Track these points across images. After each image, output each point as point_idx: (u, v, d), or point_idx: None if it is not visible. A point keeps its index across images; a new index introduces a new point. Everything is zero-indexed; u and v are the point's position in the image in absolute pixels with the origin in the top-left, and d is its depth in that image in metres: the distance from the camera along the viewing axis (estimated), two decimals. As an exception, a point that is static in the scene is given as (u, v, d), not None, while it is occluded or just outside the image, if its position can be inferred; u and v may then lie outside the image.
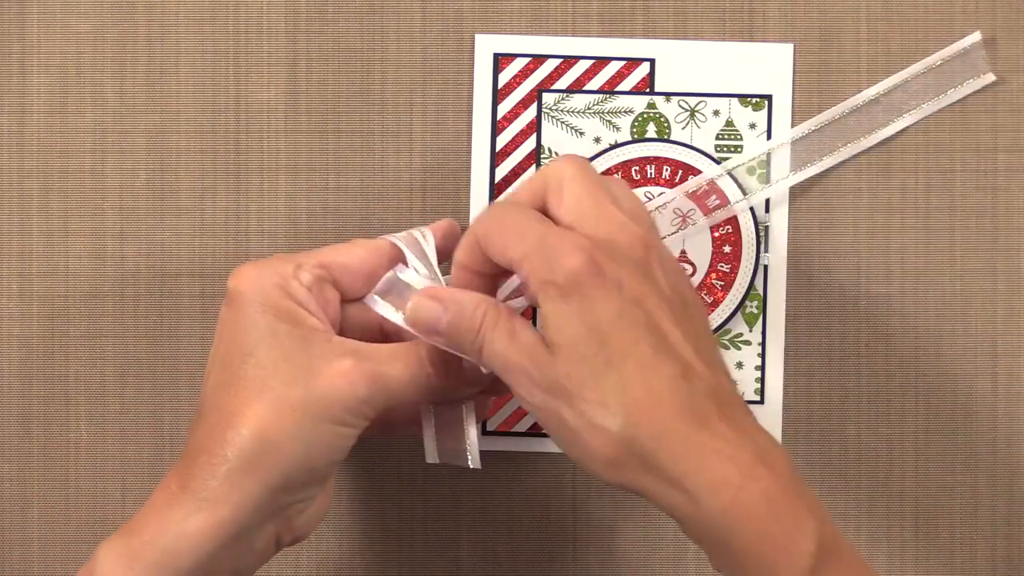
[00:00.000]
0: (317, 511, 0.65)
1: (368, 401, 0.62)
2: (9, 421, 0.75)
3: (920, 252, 0.75)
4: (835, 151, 0.74)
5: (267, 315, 0.62)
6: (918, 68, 0.74)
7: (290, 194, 0.75)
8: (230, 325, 0.63)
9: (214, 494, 0.60)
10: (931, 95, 0.74)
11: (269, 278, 0.63)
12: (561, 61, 0.75)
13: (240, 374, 0.62)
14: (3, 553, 0.75)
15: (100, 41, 0.75)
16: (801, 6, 0.75)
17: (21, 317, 0.75)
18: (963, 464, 0.75)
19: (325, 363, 0.61)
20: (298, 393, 0.61)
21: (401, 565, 0.75)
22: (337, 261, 0.65)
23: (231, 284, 0.63)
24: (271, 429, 0.61)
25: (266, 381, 0.61)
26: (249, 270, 0.63)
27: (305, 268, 0.64)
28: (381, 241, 0.67)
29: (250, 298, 0.63)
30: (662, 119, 0.75)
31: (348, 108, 0.75)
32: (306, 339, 0.62)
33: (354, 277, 0.65)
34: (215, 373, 0.63)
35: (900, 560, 0.75)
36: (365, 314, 0.66)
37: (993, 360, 0.75)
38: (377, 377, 0.62)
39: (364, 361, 0.62)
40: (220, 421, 0.61)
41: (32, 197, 0.75)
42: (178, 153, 0.75)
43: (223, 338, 0.63)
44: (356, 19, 0.75)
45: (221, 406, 0.61)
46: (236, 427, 0.61)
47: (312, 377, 0.61)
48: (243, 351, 0.62)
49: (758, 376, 0.75)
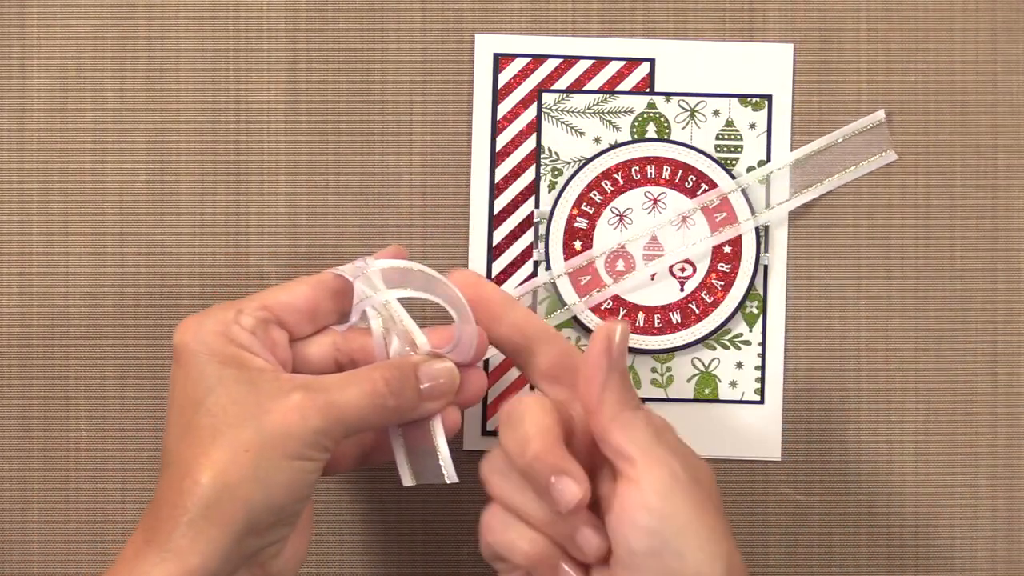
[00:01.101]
0: (294, 554, 0.64)
1: (324, 432, 0.61)
2: (9, 421, 0.75)
3: (920, 252, 0.75)
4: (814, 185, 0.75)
5: (212, 363, 0.62)
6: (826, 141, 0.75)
7: (290, 194, 0.75)
8: (180, 379, 0.62)
9: (178, 545, 0.59)
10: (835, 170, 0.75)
11: (210, 327, 0.63)
12: (561, 61, 0.75)
13: (193, 424, 0.61)
14: (3, 553, 0.75)
15: (100, 41, 0.75)
16: (801, 6, 0.75)
17: (21, 317, 0.75)
18: (963, 464, 0.75)
19: (274, 401, 0.61)
20: (250, 434, 0.60)
21: (401, 565, 0.75)
22: (280, 300, 0.64)
23: (175, 339, 0.63)
24: (227, 473, 0.60)
25: (217, 427, 0.61)
26: (190, 322, 0.63)
27: (246, 312, 0.63)
28: (324, 275, 0.66)
29: (194, 349, 0.62)
30: (662, 119, 0.75)
31: (348, 108, 0.75)
32: (253, 381, 0.61)
33: (300, 315, 0.65)
34: (172, 426, 0.62)
35: (900, 560, 0.75)
36: (318, 351, 0.65)
37: (993, 360, 0.75)
38: (330, 406, 0.61)
39: (315, 392, 0.61)
40: (178, 472, 0.61)
41: (32, 197, 0.75)
42: (178, 153, 0.75)
43: (175, 392, 0.63)
44: (356, 19, 0.75)
45: (179, 457, 0.61)
46: (193, 476, 0.60)
47: (263, 416, 0.61)
48: (194, 401, 0.61)
49: (758, 376, 0.75)
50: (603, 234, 0.75)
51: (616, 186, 0.75)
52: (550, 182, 0.75)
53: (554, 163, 0.75)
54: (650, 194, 0.75)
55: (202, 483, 0.60)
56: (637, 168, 0.75)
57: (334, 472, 0.67)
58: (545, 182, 0.75)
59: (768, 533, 0.75)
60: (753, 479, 0.75)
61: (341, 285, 0.65)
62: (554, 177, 0.75)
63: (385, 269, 0.65)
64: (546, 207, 0.75)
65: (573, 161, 0.75)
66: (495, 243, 0.75)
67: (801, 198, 0.74)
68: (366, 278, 0.65)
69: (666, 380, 0.75)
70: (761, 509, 0.75)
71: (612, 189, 0.75)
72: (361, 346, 0.65)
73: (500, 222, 0.75)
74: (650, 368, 0.75)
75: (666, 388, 0.75)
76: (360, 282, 0.65)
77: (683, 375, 0.75)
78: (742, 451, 0.75)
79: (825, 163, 0.75)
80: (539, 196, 0.75)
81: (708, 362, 0.75)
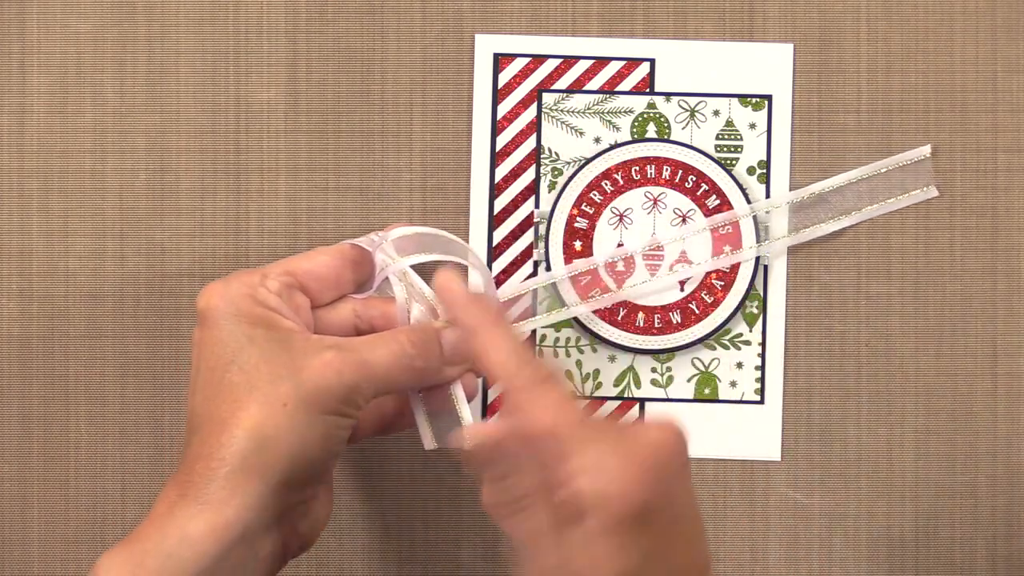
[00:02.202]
0: (322, 513, 0.66)
1: (356, 388, 0.62)
2: (9, 421, 0.75)
3: (920, 252, 0.75)
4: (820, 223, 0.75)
5: (241, 324, 0.63)
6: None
7: (290, 194, 0.75)
8: (207, 342, 0.63)
9: (215, 497, 0.60)
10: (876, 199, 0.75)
11: (237, 289, 0.64)
12: (561, 61, 0.75)
13: (225, 383, 0.62)
14: (3, 553, 0.75)
15: (100, 41, 0.75)
16: (801, 6, 0.75)
17: (21, 317, 0.75)
18: (963, 464, 0.75)
19: (308, 358, 0.62)
20: (287, 388, 0.61)
21: (401, 565, 0.75)
22: (303, 267, 0.66)
23: (200, 303, 0.64)
24: (266, 426, 0.61)
25: (253, 383, 0.61)
26: (215, 286, 0.64)
27: (271, 276, 0.65)
28: (342, 246, 0.68)
29: (223, 311, 0.63)
30: (662, 119, 0.75)
31: (348, 108, 0.75)
32: (284, 340, 0.63)
33: (322, 283, 0.66)
34: (200, 388, 0.63)
35: (900, 560, 0.75)
36: (338, 317, 0.67)
37: (993, 360, 0.75)
38: (362, 364, 0.63)
39: (346, 351, 0.63)
40: (213, 429, 0.61)
41: (32, 197, 0.75)
42: (178, 153, 0.75)
43: (202, 355, 0.63)
44: (356, 19, 0.75)
45: (211, 416, 0.62)
46: (230, 430, 0.61)
47: (298, 372, 0.62)
48: (224, 362, 0.62)
49: (758, 376, 0.75)
50: (603, 234, 0.75)
51: (616, 186, 0.75)
52: (550, 182, 0.75)
53: (554, 163, 0.75)
54: (650, 194, 0.75)
55: (240, 436, 0.60)
56: (637, 168, 0.75)
57: (355, 440, 0.68)
58: (545, 182, 0.75)
59: (768, 533, 0.75)
60: (753, 479, 0.75)
61: (359, 255, 0.67)
62: (554, 177, 0.75)
63: (400, 238, 0.68)
64: (546, 207, 0.75)
65: (573, 161, 0.75)
66: (495, 243, 0.75)
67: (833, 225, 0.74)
68: (385, 248, 0.67)
69: (666, 380, 0.75)
70: (761, 509, 0.75)
71: (612, 189, 0.75)
72: (381, 313, 0.67)
73: (500, 222, 0.75)
74: (650, 368, 0.75)
75: (666, 388, 0.75)
76: (380, 252, 0.67)
77: (683, 375, 0.75)
78: (742, 451, 0.75)
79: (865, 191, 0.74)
80: (539, 196, 0.75)
81: (708, 362, 0.75)
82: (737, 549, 0.75)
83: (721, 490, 0.75)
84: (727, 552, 0.75)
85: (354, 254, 0.67)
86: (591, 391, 0.75)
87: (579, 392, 0.74)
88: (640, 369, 0.75)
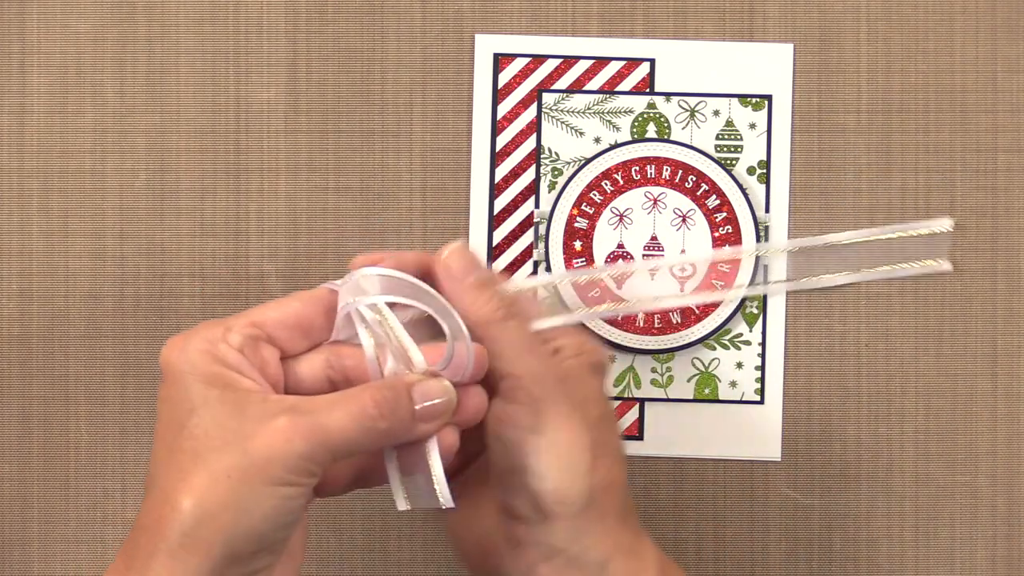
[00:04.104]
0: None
1: (309, 456, 0.58)
2: (9, 421, 0.75)
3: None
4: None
5: (197, 383, 0.59)
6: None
7: (290, 194, 0.75)
8: (165, 399, 0.60)
9: (156, 574, 0.58)
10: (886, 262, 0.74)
11: (196, 345, 0.60)
12: (561, 61, 0.75)
13: (175, 447, 0.59)
14: (3, 553, 0.75)
15: (100, 41, 0.75)
16: (801, 6, 0.75)
17: (21, 317, 0.75)
18: (963, 464, 0.75)
19: (259, 424, 0.58)
20: (233, 459, 0.58)
21: (401, 565, 0.75)
22: (271, 317, 0.61)
23: (162, 358, 0.60)
24: (207, 500, 0.58)
25: (198, 451, 0.58)
26: (176, 341, 0.60)
27: (234, 329, 0.61)
28: (319, 290, 0.63)
29: (180, 368, 0.60)
30: (662, 119, 0.75)
31: (348, 108, 0.75)
32: (239, 403, 0.59)
33: (291, 331, 0.62)
34: (156, 449, 0.60)
35: (900, 560, 0.75)
36: (310, 370, 0.63)
37: (993, 360, 0.75)
38: (315, 430, 0.58)
39: (301, 416, 0.59)
40: (158, 497, 0.58)
41: (32, 197, 0.75)
42: (178, 153, 0.75)
43: (161, 414, 0.60)
44: (356, 19, 0.75)
45: (157, 483, 0.59)
46: (172, 502, 0.58)
47: (246, 440, 0.58)
48: (177, 423, 0.59)
49: (758, 376, 0.75)
50: (603, 234, 0.75)
51: (616, 186, 0.75)
52: (550, 182, 0.75)
53: (554, 163, 0.75)
54: (650, 194, 0.75)
55: (181, 510, 0.58)
56: (637, 168, 0.75)
57: (327, 495, 0.64)
58: (545, 182, 0.75)
59: (768, 533, 0.75)
60: (753, 479, 0.75)
61: (335, 300, 0.62)
62: (554, 177, 0.75)
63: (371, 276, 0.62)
64: (546, 207, 0.75)
65: (573, 161, 0.75)
66: (495, 243, 0.75)
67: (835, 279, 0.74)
68: (353, 285, 0.62)
69: (666, 380, 0.75)
70: (761, 509, 0.75)
71: (612, 189, 0.75)
72: (356, 364, 0.62)
73: (500, 222, 0.75)
74: (650, 368, 0.75)
75: (666, 388, 0.75)
76: (346, 288, 0.62)
77: (683, 375, 0.75)
78: (742, 451, 0.75)
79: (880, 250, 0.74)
80: (539, 196, 0.75)
81: (708, 362, 0.75)
82: (737, 549, 0.75)
83: (721, 490, 0.75)
84: (727, 552, 0.75)
85: (331, 299, 0.62)
86: (591, 391, 0.75)
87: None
88: (640, 369, 0.75)
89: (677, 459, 0.75)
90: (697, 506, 0.75)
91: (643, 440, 0.75)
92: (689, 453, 0.75)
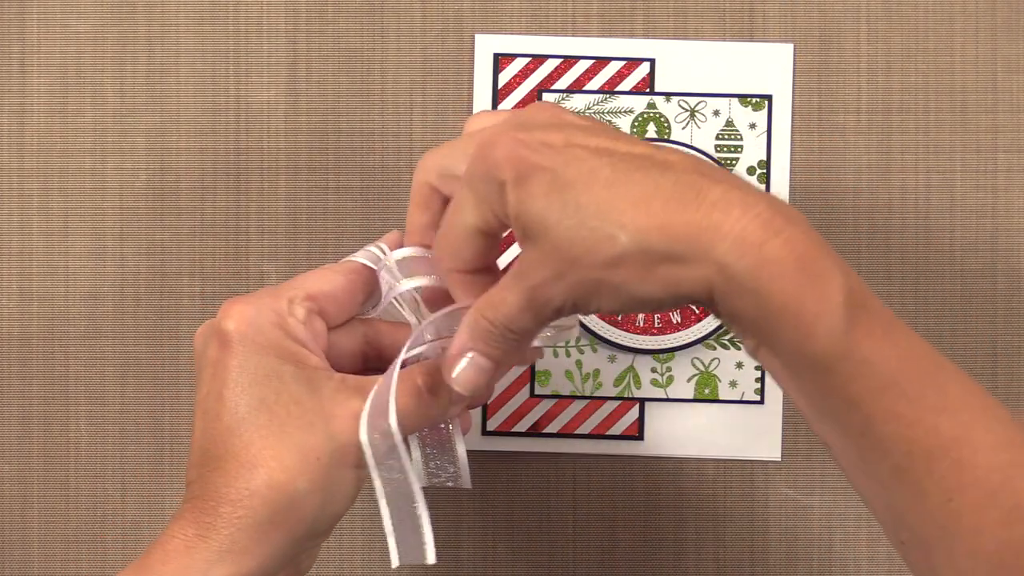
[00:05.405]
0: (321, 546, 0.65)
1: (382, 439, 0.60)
2: (9, 421, 0.75)
3: (920, 252, 0.75)
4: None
5: (270, 357, 0.60)
6: None
7: (290, 194, 0.75)
8: (230, 367, 0.60)
9: (239, 546, 0.58)
10: None
11: (266, 317, 0.61)
12: (561, 61, 0.75)
13: (250, 420, 0.60)
14: (3, 553, 0.75)
15: (100, 41, 0.75)
16: (801, 6, 0.75)
17: (21, 317, 0.75)
18: (963, 464, 0.75)
19: (336, 405, 0.60)
20: (318, 440, 0.59)
21: (401, 565, 0.75)
22: (323, 291, 0.63)
23: (226, 325, 0.61)
24: (298, 480, 0.59)
25: (283, 427, 0.59)
26: (244, 309, 0.61)
27: (297, 303, 0.62)
28: (352, 264, 0.64)
29: (250, 339, 0.60)
30: (662, 119, 0.75)
31: (348, 108, 0.75)
32: (312, 380, 0.60)
33: (338, 306, 0.64)
34: (220, 416, 0.60)
35: (900, 560, 0.75)
36: (349, 343, 0.65)
37: (993, 360, 0.75)
38: None
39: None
40: (241, 471, 0.59)
41: (32, 197, 0.75)
42: (178, 153, 0.75)
43: (224, 380, 0.60)
44: (356, 19, 0.75)
45: (236, 453, 0.59)
46: (260, 476, 0.59)
47: (328, 422, 0.60)
48: (248, 395, 0.60)
49: (758, 376, 0.75)
50: (603, 234, 0.75)
51: (616, 186, 0.75)
52: (550, 182, 0.75)
53: (554, 163, 0.75)
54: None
55: (271, 486, 0.59)
56: (637, 168, 0.75)
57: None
58: (545, 182, 0.75)
59: (768, 533, 0.75)
60: (753, 479, 0.75)
61: (369, 275, 0.64)
62: (554, 177, 0.75)
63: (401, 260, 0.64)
64: (546, 207, 0.75)
65: (573, 161, 0.75)
66: (495, 243, 0.75)
67: None
68: (388, 268, 0.64)
69: (666, 380, 0.75)
70: (761, 509, 0.75)
71: (612, 189, 0.75)
72: (392, 341, 0.65)
73: (500, 222, 0.75)
74: (650, 368, 0.75)
75: (666, 388, 0.75)
76: (385, 272, 0.64)
77: (683, 375, 0.75)
78: (742, 451, 0.75)
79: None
80: (539, 196, 0.75)
81: (708, 362, 0.75)
82: (737, 549, 0.75)
83: (721, 490, 0.75)
84: (727, 552, 0.75)
85: (365, 274, 0.64)
86: (591, 391, 0.75)
87: None
88: (640, 369, 0.75)
89: (677, 459, 0.75)
90: (697, 506, 0.75)
91: (643, 440, 0.75)
92: (689, 453, 0.75)
